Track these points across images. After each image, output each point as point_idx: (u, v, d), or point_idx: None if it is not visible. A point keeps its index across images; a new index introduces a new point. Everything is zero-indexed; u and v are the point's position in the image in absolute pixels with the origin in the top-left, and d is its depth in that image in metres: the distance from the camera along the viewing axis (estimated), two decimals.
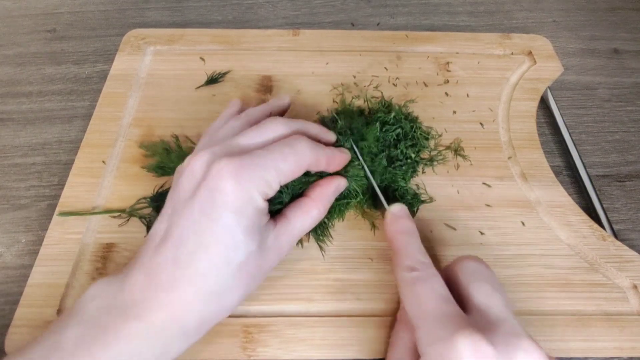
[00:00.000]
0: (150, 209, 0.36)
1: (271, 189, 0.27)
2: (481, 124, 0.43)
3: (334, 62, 0.47)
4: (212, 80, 0.45)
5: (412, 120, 0.40)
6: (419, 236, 0.30)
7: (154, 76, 0.46)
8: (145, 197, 0.36)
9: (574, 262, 0.34)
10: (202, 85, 0.45)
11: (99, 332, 0.24)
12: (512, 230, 0.36)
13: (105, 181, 0.38)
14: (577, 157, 0.41)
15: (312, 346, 0.30)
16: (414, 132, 0.39)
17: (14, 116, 0.44)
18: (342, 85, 0.45)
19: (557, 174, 0.40)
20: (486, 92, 0.45)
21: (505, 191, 0.38)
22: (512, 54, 0.49)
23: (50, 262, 0.33)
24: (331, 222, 0.35)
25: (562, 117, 0.45)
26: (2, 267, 0.35)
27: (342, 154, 0.32)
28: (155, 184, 0.36)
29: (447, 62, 0.48)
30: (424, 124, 0.41)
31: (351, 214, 0.36)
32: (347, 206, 0.35)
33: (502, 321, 0.24)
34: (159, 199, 0.35)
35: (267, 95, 0.44)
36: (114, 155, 0.39)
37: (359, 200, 0.34)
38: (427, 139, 0.40)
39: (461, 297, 0.26)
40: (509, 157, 0.40)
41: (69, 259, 0.33)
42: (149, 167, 0.38)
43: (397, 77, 0.46)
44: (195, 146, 0.33)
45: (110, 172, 0.38)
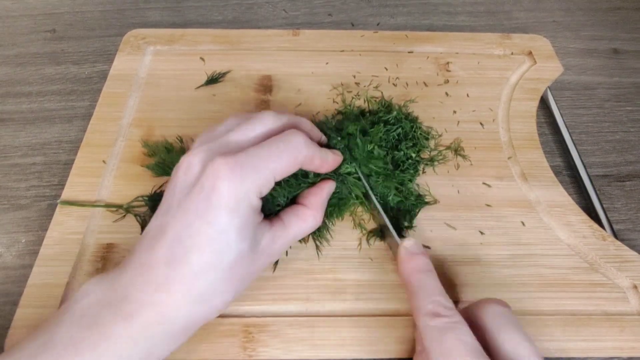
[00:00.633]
0: (146, 208, 0.36)
1: (266, 186, 0.27)
2: (481, 124, 0.43)
3: (334, 62, 0.47)
4: (212, 80, 0.45)
5: (412, 120, 0.40)
6: (437, 274, 0.29)
7: (154, 76, 0.46)
8: (142, 196, 0.36)
9: (574, 262, 0.34)
10: (202, 85, 0.45)
11: (88, 331, 0.24)
12: (512, 230, 0.36)
13: (105, 181, 0.38)
14: (577, 157, 0.41)
15: (312, 346, 0.30)
16: (414, 132, 0.39)
17: (14, 116, 0.44)
18: (342, 85, 0.45)
19: (557, 174, 0.40)
20: (486, 92, 0.45)
21: (505, 191, 0.38)
22: (512, 54, 0.49)
23: (50, 262, 0.33)
24: (331, 222, 0.35)
25: (562, 117, 0.45)
26: (2, 267, 0.35)
27: (335, 155, 0.32)
28: (154, 184, 0.37)
29: (447, 62, 0.48)
30: (424, 124, 0.41)
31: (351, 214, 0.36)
32: (346, 206, 0.35)
33: None
34: (155, 199, 0.36)
35: (267, 95, 0.44)
36: (114, 155, 0.39)
37: (358, 201, 0.34)
38: (427, 139, 0.40)
39: (485, 343, 0.25)
40: (509, 157, 0.40)
41: (69, 260, 0.33)
42: (150, 166, 0.38)
43: (397, 77, 0.46)
44: None
45: (110, 172, 0.38)
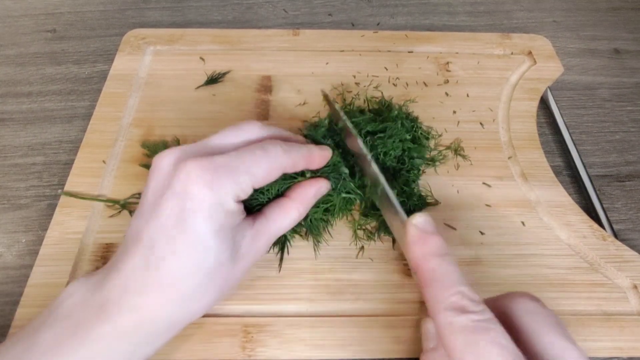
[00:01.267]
0: None
1: (243, 191, 0.26)
2: (481, 124, 0.43)
3: (334, 62, 0.47)
4: (212, 80, 0.45)
5: (413, 120, 0.40)
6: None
7: (154, 76, 0.46)
8: (140, 193, 0.36)
9: (574, 262, 0.34)
10: (202, 85, 0.45)
11: (71, 332, 0.24)
12: (512, 230, 0.36)
13: (105, 181, 0.38)
14: (577, 157, 0.41)
15: (312, 346, 0.30)
16: (415, 131, 0.39)
17: (14, 116, 0.44)
18: (342, 85, 0.45)
19: (557, 174, 0.40)
20: (486, 92, 0.45)
21: (505, 191, 0.38)
22: (512, 54, 0.49)
23: (50, 262, 0.33)
24: (333, 220, 0.35)
25: (562, 117, 0.45)
26: (2, 267, 0.35)
27: (322, 151, 0.31)
28: None
29: (447, 62, 0.48)
30: (424, 124, 0.41)
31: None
32: (348, 205, 0.35)
33: None
34: None
35: (267, 95, 0.44)
36: (114, 155, 0.39)
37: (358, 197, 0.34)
38: (427, 139, 0.40)
39: (520, 345, 0.22)
40: (509, 157, 0.40)
41: (69, 259, 0.33)
42: (148, 165, 0.38)
43: (397, 77, 0.46)
44: None
45: (110, 172, 0.38)
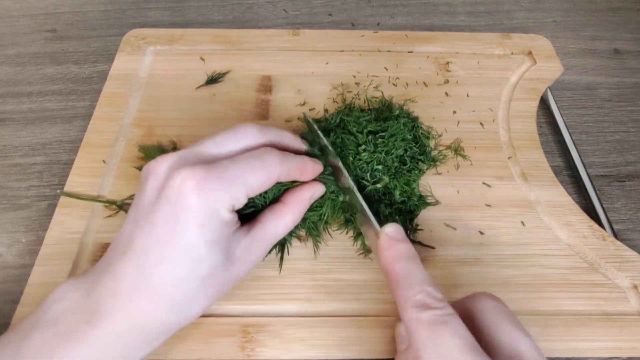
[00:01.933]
0: None
1: (238, 201, 0.26)
2: (481, 124, 0.43)
3: (334, 62, 0.47)
4: (212, 80, 0.45)
5: (413, 119, 0.40)
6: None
7: (154, 76, 0.46)
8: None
9: (574, 262, 0.34)
10: (202, 85, 0.45)
11: (61, 337, 0.23)
12: (512, 230, 0.36)
13: (105, 181, 0.38)
14: (577, 157, 0.41)
15: (311, 346, 0.30)
16: (415, 131, 0.39)
17: (14, 116, 0.44)
18: (342, 85, 0.45)
19: (557, 174, 0.40)
20: (486, 92, 0.45)
21: (505, 191, 0.38)
22: (512, 54, 0.49)
23: (50, 261, 0.33)
24: (332, 221, 0.35)
25: (562, 117, 0.45)
26: (2, 266, 0.35)
27: (315, 164, 0.32)
28: None
29: (447, 62, 0.48)
30: (424, 124, 0.41)
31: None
32: (335, 207, 0.34)
33: None
34: None
35: (267, 95, 0.44)
36: (114, 155, 0.39)
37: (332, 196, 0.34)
38: (427, 139, 0.40)
39: (480, 341, 0.23)
40: (509, 157, 0.40)
41: (68, 259, 0.33)
42: (140, 168, 0.38)
43: (397, 77, 0.46)
44: None
45: (110, 172, 0.38)
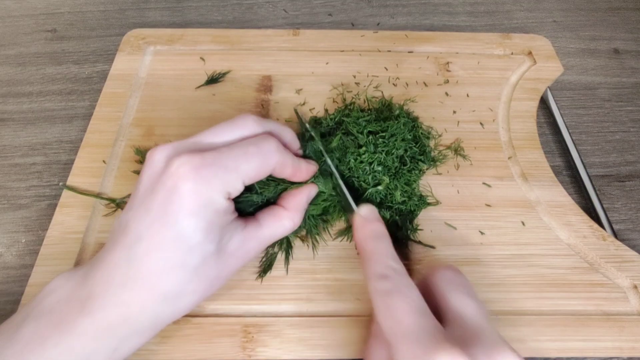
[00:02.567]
0: None
1: (234, 189, 0.26)
2: (481, 124, 0.43)
3: (334, 62, 0.47)
4: (212, 80, 0.45)
5: (413, 119, 0.40)
6: (391, 241, 0.28)
7: (154, 76, 0.46)
8: None
9: (574, 262, 0.34)
10: (202, 85, 0.45)
11: (53, 327, 0.23)
12: (512, 230, 0.36)
13: (105, 181, 0.38)
14: (577, 157, 0.41)
15: (312, 346, 0.30)
16: (415, 131, 0.39)
17: (14, 116, 0.44)
18: (342, 85, 0.45)
19: (557, 174, 0.40)
20: (486, 92, 0.45)
21: (505, 191, 0.38)
22: (512, 54, 0.49)
23: (50, 261, 0.33)
24: (333, 221, 0.35)
25: (562, 117, 0.45)
26: (3, 267, 0.35)
27: (310, 165, 0.32)
28: None
29: (447, 62, 0.48)
30: (424, 124, 0.41)
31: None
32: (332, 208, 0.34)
33: (481, 331, 0.23)
34: None
35: (267, 95, 0.44)
36: (114, 155, 0.39)
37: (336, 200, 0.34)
38: (427, 139, 0.40)
39: (438, 308, 0.25)
40: (509, 157, 0.40)
41: (69, 259, 0.33)
42: (138, 171, 0.38)
43: (397, 77, 0.46)
44: None
45: (110, 172, 0.38)
